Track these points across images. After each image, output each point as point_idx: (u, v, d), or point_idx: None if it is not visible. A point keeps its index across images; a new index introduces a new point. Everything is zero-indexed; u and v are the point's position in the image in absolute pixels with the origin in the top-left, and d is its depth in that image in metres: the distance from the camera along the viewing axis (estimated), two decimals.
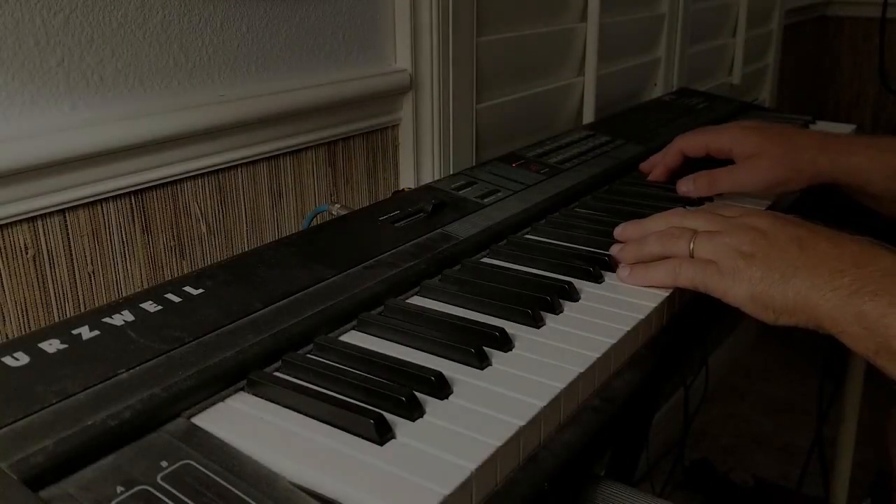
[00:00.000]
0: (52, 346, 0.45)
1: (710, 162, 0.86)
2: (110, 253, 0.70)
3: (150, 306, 0.50)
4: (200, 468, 0.38)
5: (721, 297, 0.59)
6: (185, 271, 0.75)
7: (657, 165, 0.89)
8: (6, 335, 0.64)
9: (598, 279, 0.63)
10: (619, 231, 0.68)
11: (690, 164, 0.87)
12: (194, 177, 0.75)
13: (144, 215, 0.72)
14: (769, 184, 0.80)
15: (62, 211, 0.65)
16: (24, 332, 0.61)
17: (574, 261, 0.65)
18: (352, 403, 0.44)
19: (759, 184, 0.81)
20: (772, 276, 0.56)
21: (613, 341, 0.53)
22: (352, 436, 0.42)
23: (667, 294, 0.61)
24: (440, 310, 0.57)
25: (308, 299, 0.54)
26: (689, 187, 0.82)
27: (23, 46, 0.61)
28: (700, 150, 0.86)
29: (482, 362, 0.49)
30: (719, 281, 0.58)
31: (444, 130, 0.98)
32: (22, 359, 0.44)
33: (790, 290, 0.55)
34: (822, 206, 0.86)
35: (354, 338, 0.54)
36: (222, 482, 0.38)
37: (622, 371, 0.54)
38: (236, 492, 0.37)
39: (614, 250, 0.66)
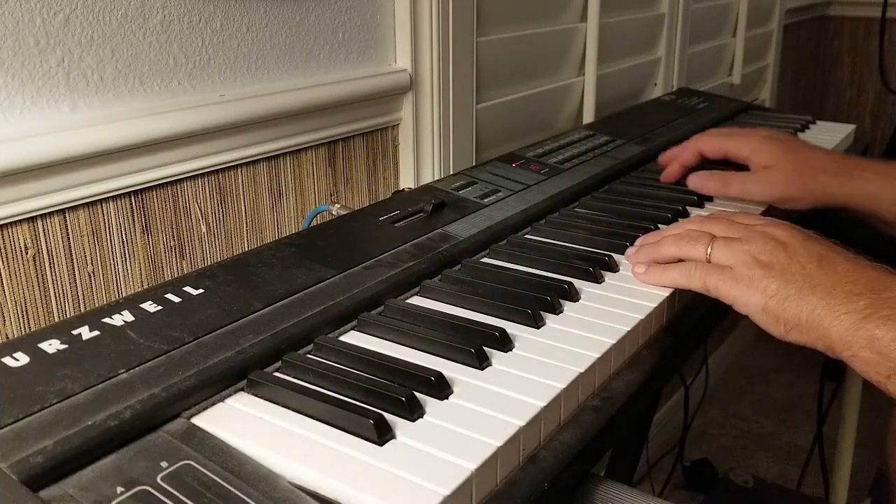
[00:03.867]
0: (52, 346, 0.45)
1: (726, 162, 0.87)
2: (110, 253, 0.70)
3: (150, 306, 0.50)
4: (200, 468, 0.38)
5: (732, 304, 0.58)
6: (185, 271, 0.75)
7: (673, 161, 0.89)
8: (6, 335, 0.64)
9: (598, 279, 0.63)
10: (638, 241, 0.68)
11: (707, 162, 0.88)
12: (194, 177, 0.75)
13: (144, 215, 0.72)
14: (777, 199, 0.81)
15: (62, 211, 0.65)
16: (24, 332, 0.61)
17: (574, 261, 0.65)
18: (352, 403, 0.44)
19: (768, 197, 0.81)
20: (787, 290, 0.55)
21: (613, 341, 0.53)
22: (351, 436, 0.42)
23: (667, 294, 0.61)
24: (440, 310, 0.57)
25: (308, 299, 0.54)
26: (700, 183, 0.83)
27: (23, 46, 0.61)
28: (718, 153, 0.87)
29: (482, 362, 0.49)
30: (733, 287, 0.57)
31: (444, 130, 0.98)
32: (22, 359, 0.44)
33: (805, 307, 0.55)
34: (837, 223, 0.86)
35: (354, 338, 0.54)
36: (222, 482, 0.38)
37: (622, 371, 0.54)
38: (236, 492, 0.37)
39: (629, 252, 0.66)
